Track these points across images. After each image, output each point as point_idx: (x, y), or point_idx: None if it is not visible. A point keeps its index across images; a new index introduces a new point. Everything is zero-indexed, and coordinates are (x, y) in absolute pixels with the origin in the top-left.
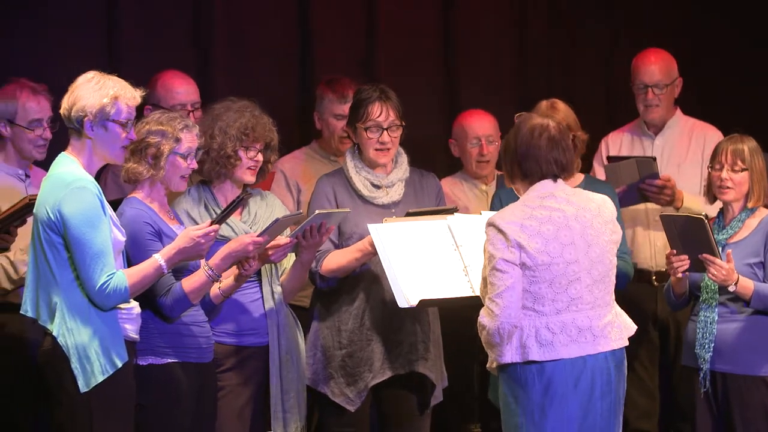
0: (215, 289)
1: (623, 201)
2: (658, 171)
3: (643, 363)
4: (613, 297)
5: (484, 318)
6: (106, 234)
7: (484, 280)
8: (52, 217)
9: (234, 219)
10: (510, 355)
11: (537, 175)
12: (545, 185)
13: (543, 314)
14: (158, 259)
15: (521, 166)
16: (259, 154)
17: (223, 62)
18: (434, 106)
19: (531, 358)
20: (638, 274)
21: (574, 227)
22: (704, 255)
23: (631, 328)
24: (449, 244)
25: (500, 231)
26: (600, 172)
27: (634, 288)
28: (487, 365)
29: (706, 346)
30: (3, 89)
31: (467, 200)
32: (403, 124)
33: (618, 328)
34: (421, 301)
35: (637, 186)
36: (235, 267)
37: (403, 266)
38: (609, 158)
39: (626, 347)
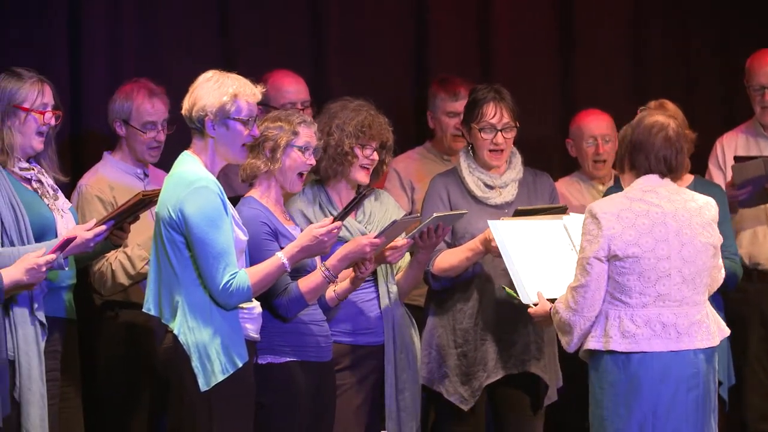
0: (330, 292)
1: (749, 201)
2: None
3: (762, 364)
4: (706, 298)
5: (560, 305)
6: (228, 233)
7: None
8: (174, 217)
9: (349, 219)
10: (593, 342)
11: (644, 169)
12: (650, 180)
13: (629, 306)
14: (281, 257)
15: (631, 157)
16: (375, 153)
17: (337, 62)
18: (550, 105)
19: (612, 347)
20: (759, 275)
21: (670, 224)
22: None
23: (724, 330)
24: (566, 244)
25: (595, 218)
26: (716, 174)
27: (754, 289)
28: (580, 354)
29: None
30: (121, 89)
31: (584, 201)
32: (518, 125)
33: (706, 329)
34: (546, 299)
35: (763, 185)
36: (350, 270)
37: (525, 263)
38: (736, 158)
39: (743, 349)
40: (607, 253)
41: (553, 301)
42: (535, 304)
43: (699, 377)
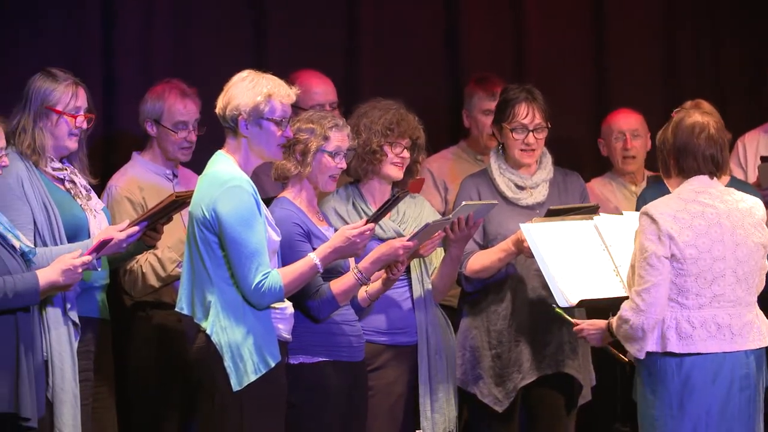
0: (362, 293)
1: None
2: None
3: None
4: (755, 298)
5: (627, 311)
6: (261, 233)
7: (632, 268)
8: (207, 216)
9: (384, 218)
10: (649, 344)
11: (693, 171)
12: (701, 180)
13: (686, 307)
14: (313, 258)
15: (678, 162)
16: (405, 151)
17: (370, 62)
18: (583, 105)
19: (669, 349)
20: None
21: (724, 225)
22: None
23: None
24: (598, 244)
25: (653, 221)
26: (737, 173)
27: None
28: (626, 357)
29: None
30: (153, 88)
31: (616, 201)
32: (549, 125)
33: (757, 329)
34: (580, 300)
35: None
36: (382, 271)
37: (559, 265)
38: (762, 158)
39: None
40: (668, 253)
41: (584, 303)
42: (576, 324)
43: (750, 378)
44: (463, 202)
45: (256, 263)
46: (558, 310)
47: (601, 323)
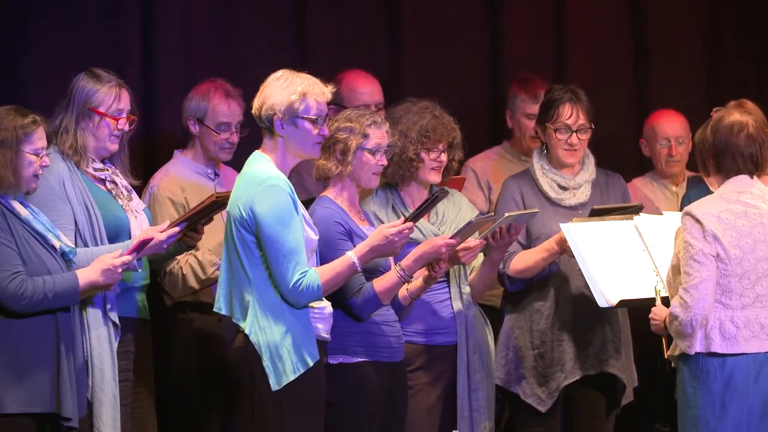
0: (403, 291)
1: None
2: None
3: None
4: None
5: (676, 308)
6: (299, 232)
7: (673, 268)
8: (245, 216)
9: (422, 221)
10: (695, 345)
11: (733, 171)
12: (742, 180)
13: (729, 307)
14: (351, 256)
15: (717, 161)
16: (442, 154)
17: (412, 62)
18: (624, 105)
19: (713, 349)
20: None
21: (767, 225)
22: None
23: None
24: (638, 244)
25: (697, 221)
26: None
27: None
28: (668, 353)
29: None
30: (198, 87)
31: (657, 201)
32: (593, 126)
33: None
34: (620, 301)
35: None
36: (424, 269)
37: (599, 265)
38: None
39: None
40: (714, 251)
41: (624, 303)
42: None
43: None
44: (505, 214)
45: (294, 262)
46: (656, 288)
47: (663, 313)
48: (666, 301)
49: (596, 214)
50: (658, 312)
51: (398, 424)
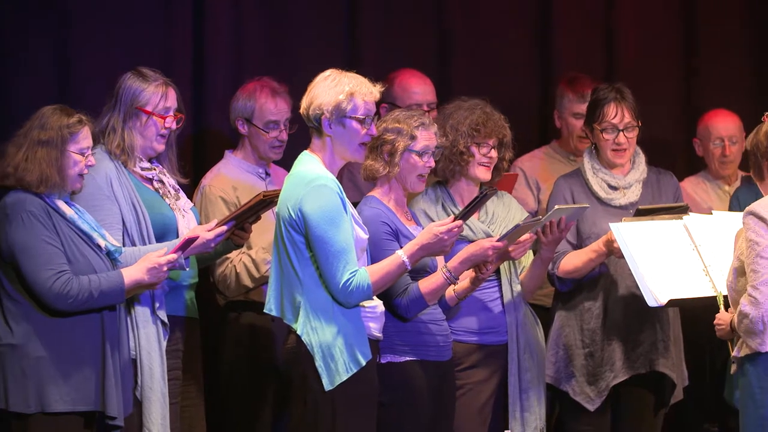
0: (450, 291)
1: None
2: None
3: None
4: None
5: (746, 306)
6: (348, 231)
7: (736, 270)
8: (294, 216)
9: (472, 218)
10: (766, 342)
11: None
12: None
13: None
14: (401, 255)
15: None
16: (492, 150)
17: (462, 62)
18: (674, 104)
19: None
20: None
21: None
22: None
23: None
24: (687, 243)
25: (761, 218)
26: None
27: None
28: (734, 354)
29: None
30: (244, 87)
31: (709, 200)
32: (640, 124)
33: None
34: (670, 300)
35: None
36: (471, 270)
37: (648, 265)
38: None
39: None
40: None
41: (673, 303)
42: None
43: None
44: (556, 207)
45: (344, 261)
46: (718, 296)
47: (728, 317)
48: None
49: (641, 214)
50: (723, 317)
51: (447, 422)
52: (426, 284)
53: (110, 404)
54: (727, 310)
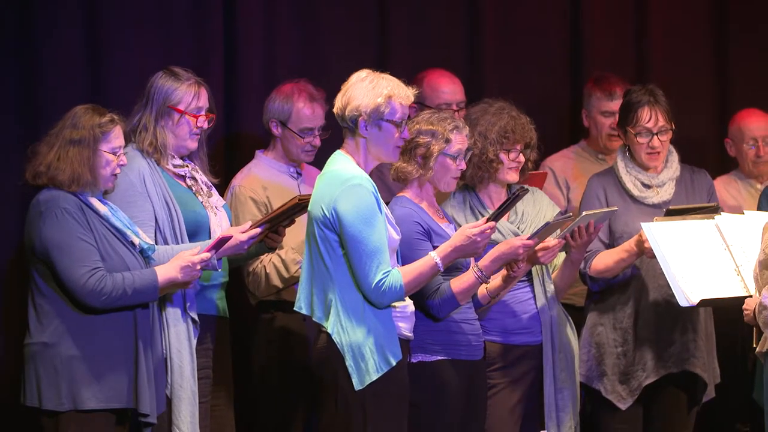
0: (482, 290)
1: None
2: None
3: None
4: None
5: (766, 299)
6: (382, 231)
7: (761, 263)
8: (328, 215)
9: (500, 220)
10: None
11: None
12: None
13: None
14: (434, 257)
15: None
16: (521, 154)
17: (493, 61)
18: (706, 103)
19: None
20: None
21: None
22: None
23: None
24: (719, 243)
25: None
26: None
27: None
28: (758, 349)
29: None
30: (281, 87)
31: (741, 199)
32: (674, 127)
33: None
34: (701, 300)
35: None
36: (503, 269)
37: (680, 264)
38: None
39: None
40: None
41: (705, 303)
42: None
43: None
44: (583, 212)
45: (377, 262)
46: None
47: (753, 303)
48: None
49: (672, 214)
50: (750, 303)
51: (478, 422)
52: (458, 284)
53: (143, 401)
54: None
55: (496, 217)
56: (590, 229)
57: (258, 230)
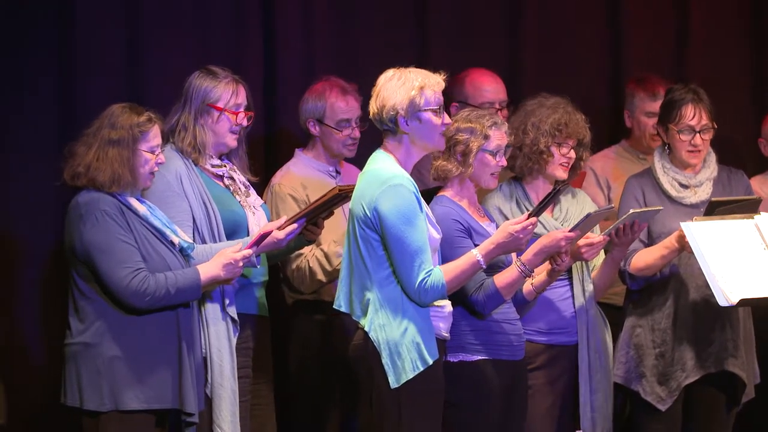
0: (528, 285)
1: None
2: None
3: None
4: None
5: None
6: (423, 231)
7: None
8: (369, 214)
9: (545, 216)
10: None
11: None
12: None
13: None
14: (476, 254)
15: None
16: (572, 151)
17: (533, 61)
18: (743, 104)
19: None
20: None
21: None
22: None
23: None
24: (758, 243)
25: None
26: None
27: None
28: None
29: None
30: (313, 88)
31: None
32: (716, 126)
33: None
34: (741, 299)
35: None
36: (547, 263)
37: (719, 264)
38: None
39: None
40: None
41: (744, 302)
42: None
43: None
44: (630, 210)
45: (419, 261)
46: None
47: None
48: None
49: (713, 206)
50: None
51: (518, 423)
52: (501, 279)
53: (188, 401)
54: None
55: (538, 212)
56: (634, 228)
57: (295, 226)
